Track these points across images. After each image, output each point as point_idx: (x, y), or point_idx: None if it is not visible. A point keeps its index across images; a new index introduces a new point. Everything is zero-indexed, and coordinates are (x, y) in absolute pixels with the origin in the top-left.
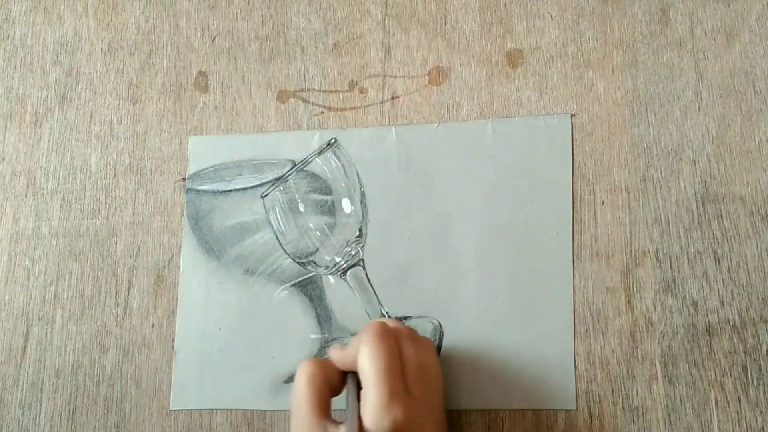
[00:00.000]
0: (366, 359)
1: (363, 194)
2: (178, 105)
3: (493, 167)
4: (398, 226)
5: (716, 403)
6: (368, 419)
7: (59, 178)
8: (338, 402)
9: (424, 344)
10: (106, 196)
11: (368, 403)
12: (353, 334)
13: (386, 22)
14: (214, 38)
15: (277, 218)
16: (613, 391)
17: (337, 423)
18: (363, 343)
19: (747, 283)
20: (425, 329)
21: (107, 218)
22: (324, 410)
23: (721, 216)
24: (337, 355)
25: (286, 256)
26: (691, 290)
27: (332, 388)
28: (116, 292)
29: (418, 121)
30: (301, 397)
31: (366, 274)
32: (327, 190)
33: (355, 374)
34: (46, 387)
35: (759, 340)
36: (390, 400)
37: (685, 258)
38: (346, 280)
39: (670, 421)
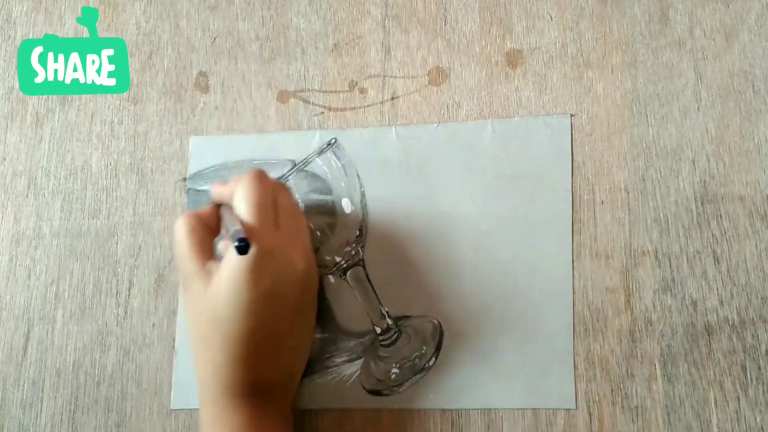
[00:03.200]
0: (242, 195)
1: (363, 194)
2: (179, 105)
3: (493, 167)
4: (398, 226)
5: (715, 402)
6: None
7: (60, 178)
8: None
9: (292, 198)
10: (107, 196)
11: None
12: (354, 334)
13: (386, 22)
14: (214, 39)
15: None
16: (612, 390)
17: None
18: (241, 182)
19: (746, 283)
20: (425, 329)
21: (108, 218)
22: (208, 255)
23: (721, 216)
24: (217, 189)
25: None
26: (690, 290)
27: (212, 233)
28: (117, 292)
29: (418, 121)
30: (183, 249)
31: (366, 274)
32: (327, 190)
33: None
34: (47, 386)
35: (758, 339)
36: (258, 228)
37: (685, 258)
38: (346, 280)
39: (670, 420)
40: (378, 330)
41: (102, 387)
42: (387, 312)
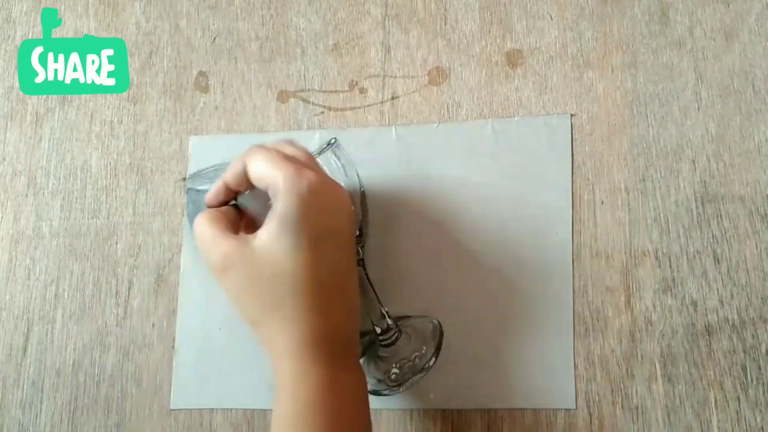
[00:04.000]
0: (259, 161)
1: (363, 194)
2: (179, 105)
3: (493, 167)
4: (398, 226)
5: (715, 402)
6: (284, 192)
7: (60, 178)
8: None
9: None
10: (106, 196)
11: (279, 182)
12: None
13: (386, 22)
14: (214, 38)
15: None
16: (612, 390)
17: (254, 236)
18: (248, 156)
19: (746, 283)
20: (425, 329)
21: (108, 218)
22: (237, 233)
23: (721, 216)
24: (219, 185)
25: None
26: (690, 290)
27: (232, 224)
28: (117, 292)
29: (418, 121)
30: (210, 234)
31: (366, 274)
32: None
33: (253, 190)
34: (47, 386)
35: (758, 339)
36: (298, 170)
37: (685, 258)
38: None
39: (670, 420)
40: (378, 330)
41: (102, 387)
42: (387, 312)
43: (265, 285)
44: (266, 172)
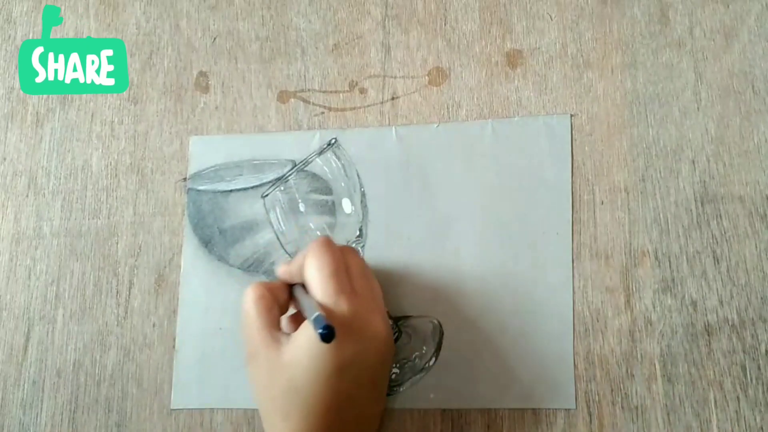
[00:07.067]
0: (313, 265)
1: (363, 194)
2: (179, 105)
3: (493, 167)
4: (398, 226)
5: (715, 402)
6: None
7: (60, 178)
8: None
9: (361, 259)
10: (107, 196)
11: (316, 304)
12: None
13: (386, 22)
14: (214, 39)
15: (278, 218)
16: (612, 390)
17: (288, 335)
18: (309, 253)
19: (746, 283)
20: (425, 329)
21: (108, 218)
22: (275, 325)
23: (720, 216)
24: (284, 269)
25: (287, 255)
26: (690, 290)
27: (280, 307)
28: (117, 292)
29: (418, 121)
30: (251, 317)
31: None
32: (327, 190)
33: (302, 284)
34: (48, 386)
35: (758, 339)
36: (336, 296)
37: (684, 258)
38: None
39: (669, 420)
40: None
41: (102, 387)
42: (387, 312)
43: (281, 391)
44: (313, 285)
